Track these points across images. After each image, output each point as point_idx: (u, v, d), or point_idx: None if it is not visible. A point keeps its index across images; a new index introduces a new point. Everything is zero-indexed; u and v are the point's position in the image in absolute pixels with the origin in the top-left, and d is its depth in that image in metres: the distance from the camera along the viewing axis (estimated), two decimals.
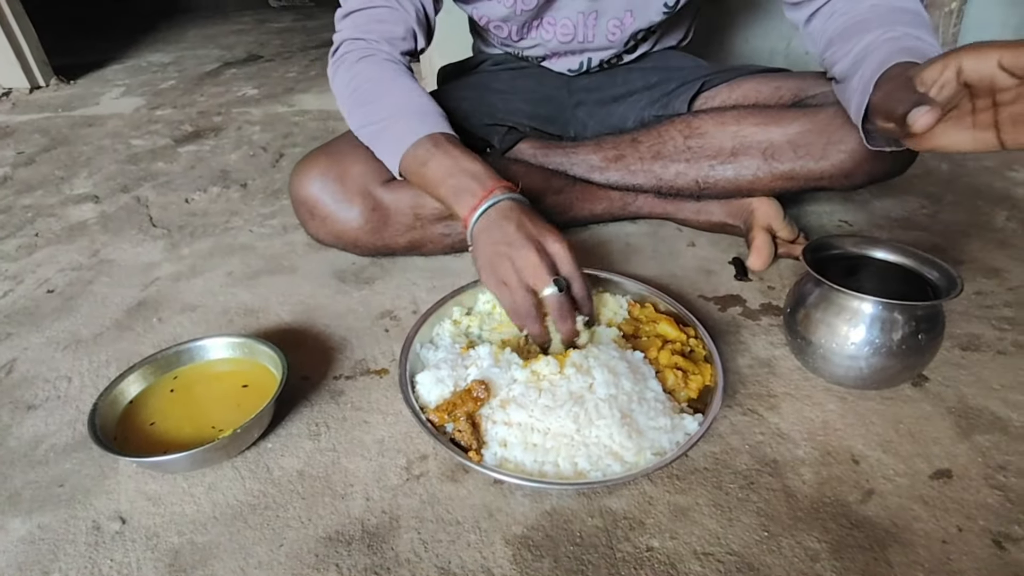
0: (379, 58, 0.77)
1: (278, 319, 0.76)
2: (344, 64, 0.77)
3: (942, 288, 0.57)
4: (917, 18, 0.65)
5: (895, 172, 0.76)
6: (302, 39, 2.51)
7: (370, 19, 0.77)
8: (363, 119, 0.76)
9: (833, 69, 0.70)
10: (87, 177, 1.22)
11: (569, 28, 0.83)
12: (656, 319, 0.68)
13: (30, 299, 0.83)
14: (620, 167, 0.85)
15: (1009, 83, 0.44)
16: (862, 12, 0.68)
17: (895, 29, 0.63)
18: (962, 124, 0.48)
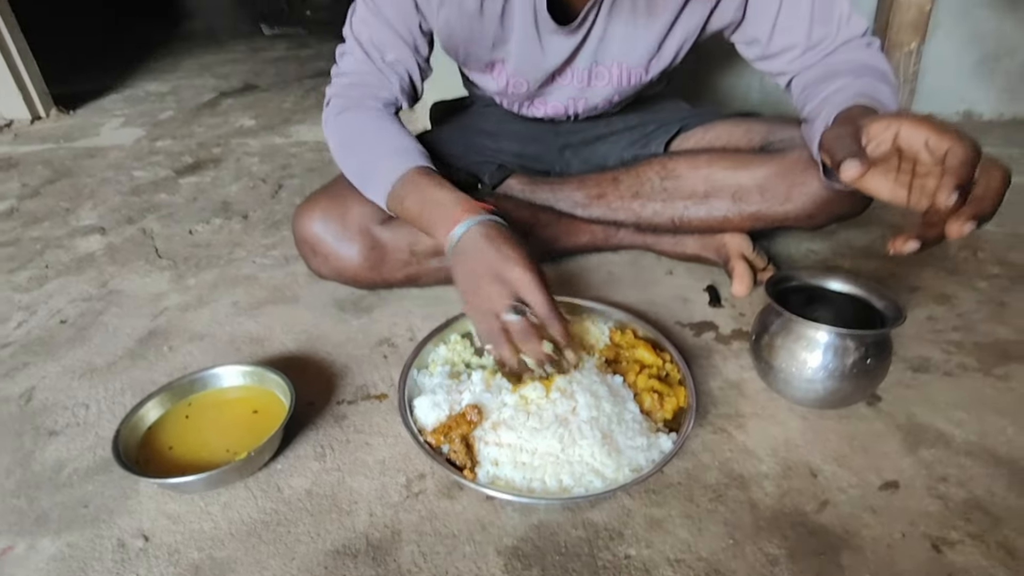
0: (364, 107, 0.82)
1: (282, 347, 0.81)
2: (332, 115, 0.83)
3: (889, 317, 0.64)
4: (884, 76, 0.72)
5: (854, 213, 0.83)
6: (296, 68, 2.58)
7: (359, 81, 0.82)
8: (352, 166, 0.81)
9: (804, 110, 0.77)
10: (92, 209, 1.27)
11: (559, 108, 0.89)
12: (635, 345, 0.74)
13: (44, 329, 0.88)
14: (602, 204, 0.91)
15: (928, 160, 0.51)
16: (835, 64, 0.75)
17: (862, 79, 0.70)
18: (887, 175, 0.55)
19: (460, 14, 0.76)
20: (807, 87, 0.77)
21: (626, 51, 0.80)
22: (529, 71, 0.83)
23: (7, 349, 0.84)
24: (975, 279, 0.89)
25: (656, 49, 0.80)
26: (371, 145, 0.79)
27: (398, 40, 0.81)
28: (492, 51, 0.82)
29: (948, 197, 0.46)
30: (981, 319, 0.80)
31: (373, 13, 0.79)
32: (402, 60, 0.82)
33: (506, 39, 0.80)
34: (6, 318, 0.91)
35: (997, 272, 0.91)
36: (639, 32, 0.78)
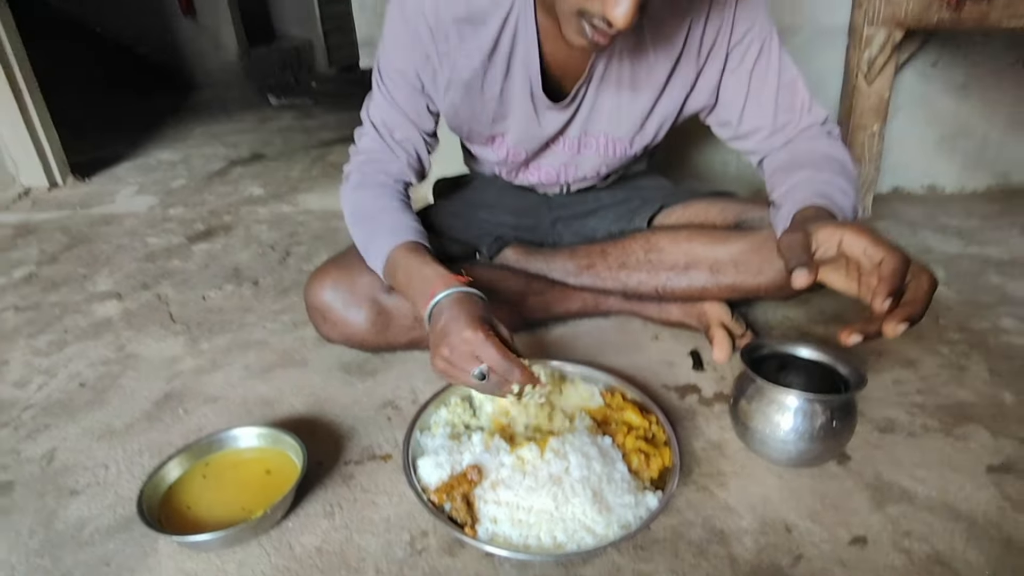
0: (375, 183, 0.90)
1: (292, 409, 0.86)
2: (349, 190, 0.91)
3: (852, 382, 0.70)
4: (843, 168, 0.80)
5: (820, 286, 0.90)
6: (303, 138, 2.72)
7: (371, 159, 0.91)
8: (359, 237, 0.88)
9: (772, 195, 0.85)
10: (109, 275, 1.33)
11: (552, 173, 0.99)
12: (623, 407, 0.79)
13: (64, 392, 0.92)
14: (591, 274, 0.99)
15: (868, 265, 0.59)
16: (801, 154, 0.84)
17: (823, 173, 0.78)
18: (837, 272, 0.64)
19: (464, 96, 0.86)
20: (775, 172, 0.86)
21: (612, 124, 0.89)
22: (527, 142, 0.92)
23: (29, 411, 0.88)
24: (937, 344, 0.96)
25: (639, 125, 0.89)
26: (374, 220, 0.87)
27: (407, 121, 0.90)
28: (493, 126, 0.91)
29: (883, 303, 0.54)
30: (942, 382, 0.87)
31: (386, 98, 0.89)
32: (410, 138, 0.91)
33: (505, 115, 0.89)
34: (27, 381, 0.95)
35: (957, 338, 0.98)
36: (623, 107, 0.87)
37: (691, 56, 0.83)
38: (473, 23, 0.80)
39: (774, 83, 0.84)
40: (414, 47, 0.83)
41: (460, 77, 0.84)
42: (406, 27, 0.82)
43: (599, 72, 0.84)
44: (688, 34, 0.82)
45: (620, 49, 0.82)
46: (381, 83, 0.88)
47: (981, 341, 0.97)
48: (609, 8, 0.60)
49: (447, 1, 0.79)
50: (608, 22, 0.61)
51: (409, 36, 0.82)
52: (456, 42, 0.81)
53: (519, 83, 0.84)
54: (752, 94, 0.86)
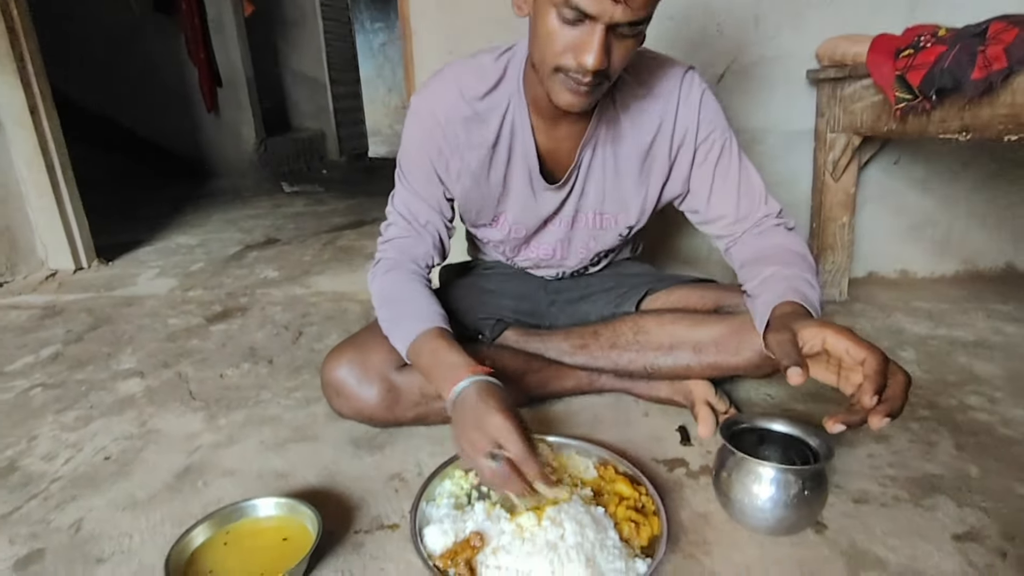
0: (402, 270, 1.01)
1: (305, 481, 0.92)
2: (378, 274, 1.02)
3: (823, 454, 0.77)
4: (804, 262, 0.91)
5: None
6: (314, 224, 2.88)
7: (400, 245, 1.03)
8: (385, 318, 0.98)
9: (745, 285, 0.94)
10: (132, 354, 1.41)
11: (549, 250, 1.10)
12: (615, 479, 0.85)
13: (90, 465, 0.98)
14: (585, 353, 1.07)
15: (849, 362, 0.69)
16: (767, 249, 0.95)
17: (790, 268, 0.88)
18: (818, 365, 0.74)
19: (473, 183, 0.99)
20: (745, 264, 0.97)
21: (600, 202, 1.02)
22: (526, 219, 1.05)
23: (57, 483, 0.94)
24: (908, 421, 1.03)
25: (623, 206, 1.02)
26: (402, 303, 0.97)
27: (428, 207, 1.02)
28: (496, 207, 1.04)
29: (871, 400, 0.64)
30: (912, 456, 0.93)
31: (408, 190, 1.02)
32: (432, 222, 1.03)
33: (507, 197, 1.02)
34: (56, 455, 1.01)
35: (927, 415, 1.05)
36: (609, 189, 1.01)
37: (663, 150, 0.98)
38: (477, 121, 0.95)
39: (735, 177, 0.99)
40: (430, 144, 0.97)
41: (469, 167, 0.98)
42: (422, 129, 0.97)
43: (587, 160, 0.98)
44: (659, 131, 0.97)
45: (603, 141, 0.97)
46: (404, 178, 1.02)
47: (949, 418, 1.04)
48: (581, 56, 0.74)
49: (455, 105, 0.94)
50: (582, 69, 0.75)
51: (425, 136, 0.97)
52: (464, 138, 0.96)
53: (519, 169, 0.98)
54: (716, 185, 1.00)
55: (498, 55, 0.95)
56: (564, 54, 0.76)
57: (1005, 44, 0.92)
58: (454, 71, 0.95)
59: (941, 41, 1.10)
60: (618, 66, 0.78)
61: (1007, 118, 0.98)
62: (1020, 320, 1.45)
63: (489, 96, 0.94)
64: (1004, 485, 0.86)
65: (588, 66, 0.74)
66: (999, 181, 1.71)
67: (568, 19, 0.74)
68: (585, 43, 0.74)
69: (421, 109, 0.96)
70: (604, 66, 0.75)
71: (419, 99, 0.97)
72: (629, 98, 0.95)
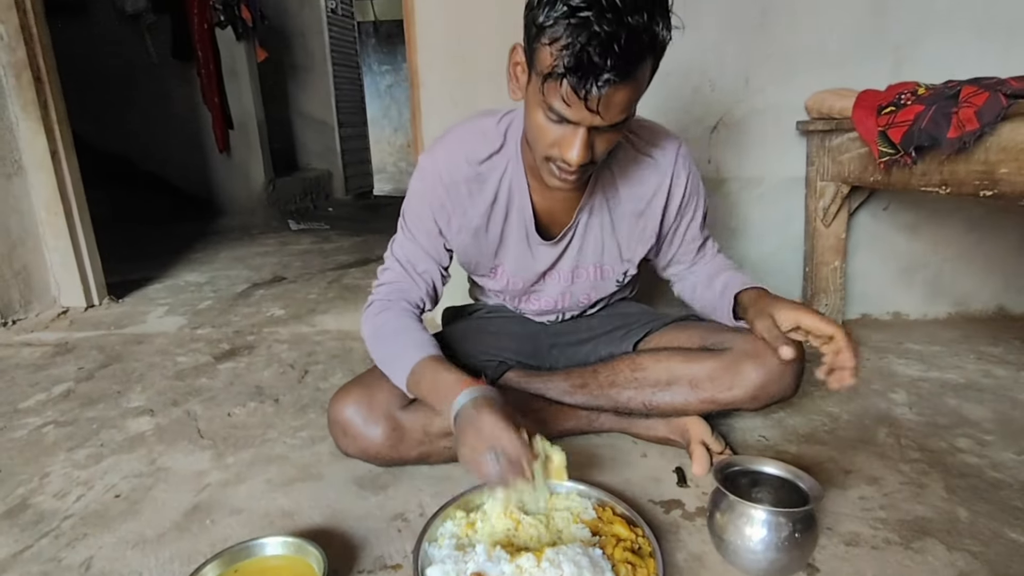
0: (395, 309, 1.05)
1: (310, 520, 0.94)
2: (371, 315, 1.06)
3: (812, 496, 0.80)
4: (743, 273, 1.08)
5: (788, 395, 1.03)
6: (320, 261, 2.94)
7: (394, 288, 1.07)
8: (380, 355, 1.02)
9: (698, 303, 1.13)
10: (141, 392, 1.45)
11: (550, 302, 1.15)
12: (613, 521, 0.88)
13: (100, 503, 1.01)
14: (585, 392, 1.11)
15: (818, 334, 0.87)
16: (711, 269, 1.13)
17: (738, 273, 1.08)
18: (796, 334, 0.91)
19: (472, 237, 1.05)
20: (696, 287, 1.13)
21: (599, 255, 1.08)
22: (523, 272, 1.10)
23: (68, 521, 0.96)
24: (899, 463, 1.05)
25: (619, 259, 1.09)
26: (396, 339, 1.01)
27: (427, 257, 1.07)
28: (494, 259, 1.09)
29: (852, 359, 0.85)
30: (903, 499, 0.95)
31: (409, 239, 1.07)
32: (429, 271, 1.08)
33: (504, 250, 1.07)
34: (67, 492, 1.04)
35: (917, 457, 1.07)
36: (606, 245, 1.07)
37: (656, 212, 1.06)
38: (479, 182, 1.01)
39: (698, 234, 1.11)
40: (434, 200, 1.02)
41: (470, 223, 1.03)
42: (427, 186, 1.03)
43: (583, 220, 1.04)
44: (655, 196, 1.04)
45: (600, 203, 1.03)
46: (406, 227, 1.07)
47: (939, 460, 1.06)
48: (565, 152, 0.82)
49: (457, 166, 1.01)
50: (567, 164, 0.82)
51: (430, 193, 1.03)
52: (466, 195, 1.02)
53: (515, 226, 1.04)
54: (686, 241, 1.11)
55: (499, 119, 1.01)
56: (551, 147, 0.83)
57: (976, 108, 0.99)
58: (459, 135, 1.02)
59: (920, 100, 1.17)
60: (603, 154, 0.85)
61: (982, 175, 1.03)
62: (1010, 363, 1.48)
63: (490, 160, 1.00)
64: (994, 529, 0.88)
65: (572, 162, 0.82)
66: (986, 226, 1.77)
67: (552, 119, 0.80)
68: (569, 141, 0.81)
69: (428, 168, 1.02)
70: (587, 160, 0.82)
71: (427, 160, 1.03)
72: (627, 164, 1.02)
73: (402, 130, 8.41)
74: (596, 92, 0.73)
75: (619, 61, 0.71)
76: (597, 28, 0.70)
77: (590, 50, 0.71)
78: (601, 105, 0.75)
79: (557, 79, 0.75)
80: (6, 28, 1.90)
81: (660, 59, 0.79)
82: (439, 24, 1.63)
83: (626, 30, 0.71)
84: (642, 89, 0.80)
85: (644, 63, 0.75)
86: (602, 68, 0.71)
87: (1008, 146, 0.99)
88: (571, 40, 0.72)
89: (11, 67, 1.94)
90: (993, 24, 1.58)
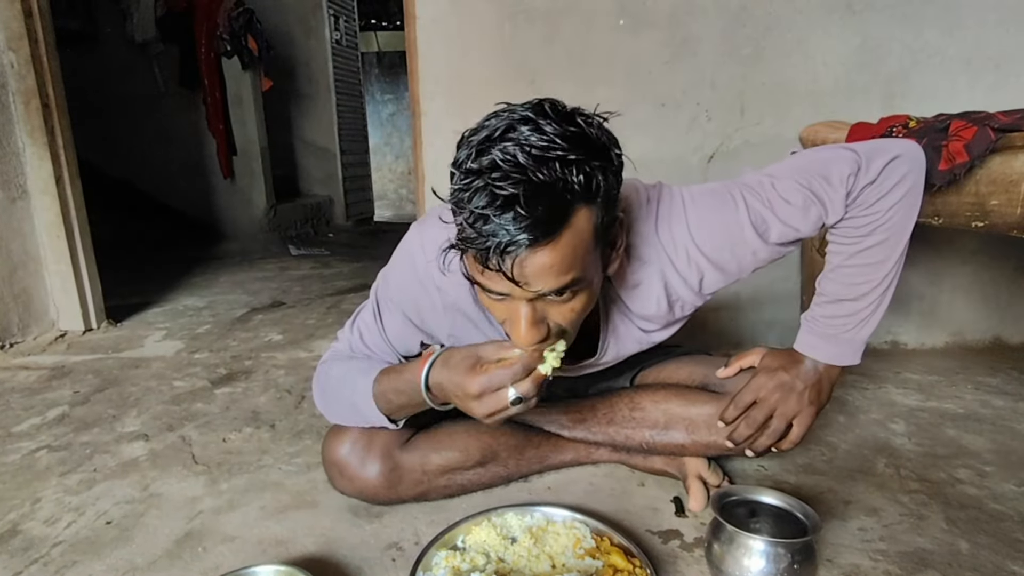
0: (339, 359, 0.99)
1: (304, 549, 0.93)
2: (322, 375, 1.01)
3: (810, 527, 0.79)
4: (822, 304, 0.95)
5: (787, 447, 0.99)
6: (319, 287, 2.95)
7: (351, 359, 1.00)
8: (339, 403, 0.97)
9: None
10: (136, 416, 1.44)
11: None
12: (610, 551, 0.87)
13: (91, 530, 0.99)
14: (583, 428, 1.10)
15: None
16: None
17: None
18: None
19: (464, 321, 0.90)
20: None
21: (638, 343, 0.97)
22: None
23: (58, 548, 0.95)
24: (898, 494, 1.04)
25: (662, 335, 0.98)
26: (348, 378, 0.95)
27: (390, 349, 0.97)
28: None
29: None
30: (903, 530, 0.94)
31: (377, 323, 0.95)
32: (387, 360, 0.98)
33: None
34: (58, 518, 1.02)
35: (917, 488, 1.06)
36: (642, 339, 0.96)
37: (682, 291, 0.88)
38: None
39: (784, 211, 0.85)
40: (418, 290, 0.88)
41: (463, 333, 0.90)
42: (409, 270, 0.89)
43: (612, 343, 0.94)
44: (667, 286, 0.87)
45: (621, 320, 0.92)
46: (377, 308, 0.96)
47: (939, 491, 1.05)
48: (513, 332, 0.70)
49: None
50: (518, 344, 0.71)
51: (415, 281, 0.88)
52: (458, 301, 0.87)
53: None
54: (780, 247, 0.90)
55: None
56: (504, 325, 0.73)
57: (965, 141, 1.01)
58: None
59: (911, 133, 1.19)
60: (569, 322, 0.73)
61: (973, 206, 1.05)
62: (1008, 393, 1.47)
63: None
64: (995, 562, 0.87)
65: (521, 343, 0.70)
66: (981, 257, 1.78)
67: (491, 295, 0.69)
68: (513, 320, 0.70)
69: (416, 249, 0.88)
70: (542, 336, 0.70)
71: (417, 236, 0.89)
72: (623, 278, 0.87)
73: (403, 158, 8.52)
74: (508, 262, 0.63)
75: (527, 224, 0.61)
76: (496, 190, 0.61)
77: (489, 214, 0.61)
78: (524, 276, 0.64)
79: (468, 250, 0.65)
80: (17, 57, 1.94)
81: (609, 197, 0.68)
82: (440, 56, 1.67)
83: (531, 189, 0.60)
84: (583, 244, 0.66)
85: (567, 218, 0.64)
86: (507, 234, 0.61)
87: (998, 179, 1.01)
88: (471, 207, 0.62)
89: (20, 94, 1.97)
90: (982, 58, 1.63)
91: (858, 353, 0.91)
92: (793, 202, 0.84)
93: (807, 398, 0.90)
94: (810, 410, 0.90)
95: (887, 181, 0.84)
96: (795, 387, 0.90)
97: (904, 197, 0.85)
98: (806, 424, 0.90)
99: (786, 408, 0.89)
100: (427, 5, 1.63)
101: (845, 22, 1.63)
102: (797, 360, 0.92)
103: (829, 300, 0.92)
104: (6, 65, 1.94)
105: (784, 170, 0.87)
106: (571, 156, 0.63)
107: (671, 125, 1.68)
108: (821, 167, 0.85)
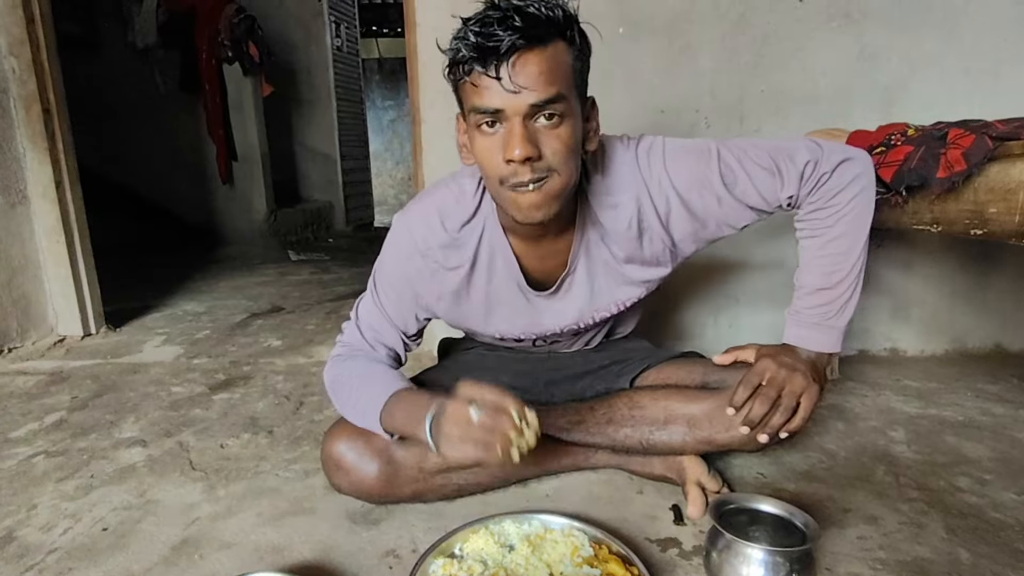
0: (360, 358, 1.05)
1: (301, 556, 0.93)
2: (335, 364, 1.06)
3: (809, 535, 0.79)
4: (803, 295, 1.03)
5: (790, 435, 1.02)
6: (319, 292, 2.94)
7: (355, 349, 1.06)
8: (348, 396, 1.01)
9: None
10: (134, 422, 1.43)
11: (574, 342, 1.16)
12: (608, 559, 0.86)
13: (87, 536, 0.99)
14: (581, 429, 1.10)
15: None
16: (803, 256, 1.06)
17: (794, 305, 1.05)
18: None
19: (454, 301, 1.03)
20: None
21: (616, 293, 1.04)
22: (527, 326, 1.07)
23: (53, 555, 0.94)
24: (898, 502, 1.04)
25: (637, 282, 1.04)
26: (363, 381, 1.01)
27: (391, 327, 1.05)
28: (486, 323, 1.07)
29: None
30: (903, 539, 0.94)
31: (377, 305, 1.05)
32: (392, 342, 1.06)
33: (498, 309, 1.04)
34: (54, 525, 1.02)
35: (916, 496, 1.06)
36: (617, 279, 1.02)
37: (653, 223, 0.96)
38: (455, 247, 0.98)
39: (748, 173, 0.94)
40: (408, 265, 1.00)
41: (448, 289, 1.01)
42: (402, 250, 1.01)
43: (582, 265, 1.00)
44: (640, 211, 0.95)
45: (594, 243, 0.98)
46: (375, 292, 1.05)
47: (938, 500, 1.05)
48: (508, 152, 0.78)
49: (435, 232, 0.98)
50: (515, 165, 0.79)
51: (404, 258, 1.00)
52: (443, 260, 0.99)
53: (504, 283, 1.01)
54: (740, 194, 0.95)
55: (477, 181, 0.97)
56: (497, 161, 0.81)
57: (963, 149, 1.01)
58: (436, 198, 0.99)
59: (910, 140, 1.20)
60: (558, 157, 0.81)
61: (972, 214, 1.05)
62: (1009, 401, 1.47)
63: (467, 225, 0.98)
64: (996, 571, 0.87)
65: (516, 157, 0.78)
66: (981, 264, 1.78)
67: (487, 125, 0.80)
68: (508, 140, 0.79)
69: (402, 231, 1.00)
70: (532, 154, 0.78)
71: (402, 222, 1.01)
72: (601, 196, 0.96)
73: (403, 163, 8.55)
74: (506, 66, 0.75)
75: (520, 26, 0.74)
76: (492, 13, 0.76)
77: (489, 28, 0.75)
78: (515, 78, 0.75)
79: (469, 72, 0.78)
80: (18, 62, 1.95)
81: (582, 48, 0.82)
82: (440, 64, 1.67)
83: (523, 12, 0.75)
84: (565, 68, 0.79)
85: (551, 32, 0.77)
86: (502, 37, 0.74)
87: (996, 187, 1.01)
88: (472, 27, 0.76)
89: (21, 100, 1.98)
90: (980, 66, 1.63)
91: (839, 341, 1.00)
92: (761, 164, 0.94)
93: (810, 376, 0.94)
94: (815, 387, 0.93)
95: (843, 176, 0.96)
96: (797, 367, 0.95)
97: (860, 193, 0.97)
98: (813, 399, 0.93)
99: (794, 385, 0.93)
100: (428, 12, 1.64)
101: (844, 30, 1.64)
102: (791, 349, 1.00)
103: (808, 292, 1.01)
104: (8, 70, 1.95)
105: (759, 142, 0.98)
106: (552, 2, 0.78)
107: (670, 132, 1.67)
108: (789, 147, 0.96)
